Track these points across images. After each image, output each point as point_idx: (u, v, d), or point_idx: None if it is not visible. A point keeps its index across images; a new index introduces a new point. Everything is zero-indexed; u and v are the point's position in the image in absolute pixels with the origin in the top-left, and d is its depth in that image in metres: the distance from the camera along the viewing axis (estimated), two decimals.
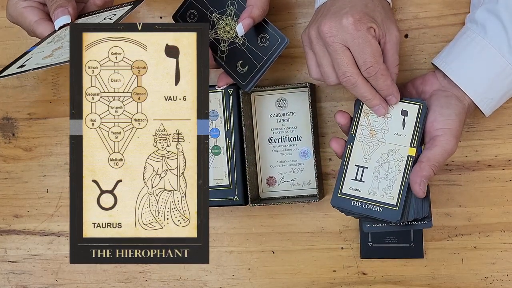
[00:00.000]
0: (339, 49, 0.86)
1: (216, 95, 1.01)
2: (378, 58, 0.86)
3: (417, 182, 0.87)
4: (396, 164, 0.89)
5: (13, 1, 0.93)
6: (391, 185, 0.89)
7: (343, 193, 0.89)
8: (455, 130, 0.88)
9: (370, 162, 0.90)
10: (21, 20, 0.93)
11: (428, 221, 0.90)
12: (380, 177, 0.89)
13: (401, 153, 0.89)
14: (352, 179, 0.90)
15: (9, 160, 1.09)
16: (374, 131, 0.90)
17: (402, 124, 0.90)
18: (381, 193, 0.89)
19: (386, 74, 0.87)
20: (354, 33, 0.85)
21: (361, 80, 0.87)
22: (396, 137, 0.90)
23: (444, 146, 0.88)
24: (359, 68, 0.86)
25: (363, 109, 0.91)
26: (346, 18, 0.85)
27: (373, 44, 0.86)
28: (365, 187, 0.89)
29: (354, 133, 0.91)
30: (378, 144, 0.90)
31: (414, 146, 0.89)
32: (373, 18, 0.87)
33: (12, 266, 1.10)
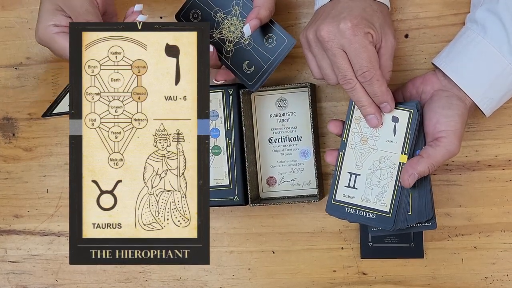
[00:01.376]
0: (337, 53, 0.86)
1: (217, 95, 1.00)
2: (374, 63, 0.86)
3: (408, 172, 0.87)
4: (388, 171, 0.89)
5: (44, 25, 0.91)
6: (383, 192, 0.89)
7: (336, 200, 0.90)
8: (458, 131, 0.88)
9: (362, 169, 0.90)
10: (52, 44, 0.91)
11: (432, 222, 0.89)
12: (373, 184, 0.89)
13: (392, 160, 0.89)
14: (345, 186, 0.90)
15: (9, 160, 1.09)
16: (366, 138, 0.90)
17: (393, 131, 0.90)
18: (374, 200, 0.89)
19: (381, 80, 0.87)
20: (351, 38, 0.84)
21: (359, 85, 0.87)
22: (387, 144, 0.90)
23: (447, 148, 0.87)
24: (355, 72, 0.86)
25: (354, 115, 0.90)
26: (344, 22, 0.85)
27: (369, 49, 0.85)
28: (358, 194, 0.89)
29: (345, 140, 0.90)
30: (370, 151, 0.90)
31: (405, 153, 0.89)
32: (371, 23, 0.86)
33: (12, 266, 1.09)
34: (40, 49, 1.06)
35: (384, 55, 0.88)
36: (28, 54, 1.07)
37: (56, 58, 1.05)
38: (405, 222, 0.88)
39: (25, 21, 1.07)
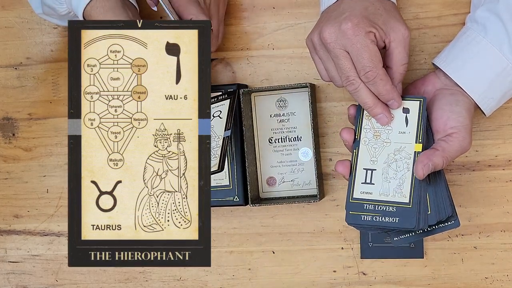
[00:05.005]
0: (340, 54, 0.84)
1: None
2: (377, 62, 0.83)
3: (423, 162, 0.84)
4: (404, 162, 0.86)
5: None
6: (401, 183, 0.86)
7: (354, 198, 0.87)
8: (468, 127, 0.86)
9: (377, 163, 0.87)
10: None
11: (454, 220, 0.87)
12: (390, 177, 0.86)
13: (407, 151, 0.87)
14: (362, 182, 0.87)
15: (9, 160, 1.08)
16: (378, 133, 0.88)
17: (405, 122, 0.87)
18: (393, 193, 0.86)
19: (385, 78, 0.84)
20: (353, 38, 0.82)
21: (363, 85, 0.85)
22: (400, 135, 0.87)
23: (461, 143, 0.85)
24: (358, 73, 0.84)
25: (365, 113, 0.89)
26: (345, 23, 0.82)
27: (371, 49, 0.83)
28: (376, 189, 0.86)
29: (358, 137, 0.88)
30: (383, 145, 0.88)
31: (419, 141, 0.87)
32: (373, 22, 0.84)
33: (12, 266, 1.08)
34: (40, 49, 1.05)
35: (396, 48, 0.85)
36: (28, 54, 1.06)
37: (56, 58, 1.04)
38: (426, 222, 0.85)
39: (25, 21, 1.06)
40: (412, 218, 0.84)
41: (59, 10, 0.94)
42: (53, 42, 1.04)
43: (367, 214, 0.86)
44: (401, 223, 0.84)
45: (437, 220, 0.85)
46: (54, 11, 0.95)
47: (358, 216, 0.86)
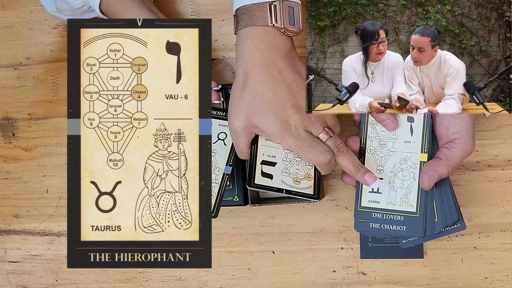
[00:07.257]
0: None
1: None
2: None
3: (428, 174, 0.83)
4: (410, 172, 0.85)
5: None
6: (408, 193, 0.85)
7: (362, 206, 0.86)
8: (470, 130, 0.85)
9: (384, 172, 0.86)
10: None
11: (460, 224, 0.85)
12: (396, 187, 0.85)
13: (413, 160, 0.85)
14: (369, 191, 0.86)
15: (9, 160, 1.05)
16: (384, 142, 0.86)
17: (410, 131, 0.86)
18: (400, 202, 0.85)
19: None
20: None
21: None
22: (406, 144, 0.86)
23: (464, 148, 0.84)
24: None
25: (370, 120, 0.87)
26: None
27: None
28: (383, 198, 0.85)
29: (364, 145, 0.86)
30: (389, 153, 0.86)
31: (425, 151, 0.85)
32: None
33: (12, 266, 1.06)
34: (40, 49, 1.03)
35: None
36: (28, 54, 1.04)
37: (56, 58, 1.02)
38: (433, 230, 0.85)
39: (25, 21, 1.04)
40: (419, 227, 0.84)
41: (73, 3, 0.91)
42: (53, 42, 1.02)
43: (375, 222, 0.85)
44: (409, 232, 0.84)
45: (444, 227, 0.84)
46: (68, 5, 0.92)
47: (367, 224, 0.85)
